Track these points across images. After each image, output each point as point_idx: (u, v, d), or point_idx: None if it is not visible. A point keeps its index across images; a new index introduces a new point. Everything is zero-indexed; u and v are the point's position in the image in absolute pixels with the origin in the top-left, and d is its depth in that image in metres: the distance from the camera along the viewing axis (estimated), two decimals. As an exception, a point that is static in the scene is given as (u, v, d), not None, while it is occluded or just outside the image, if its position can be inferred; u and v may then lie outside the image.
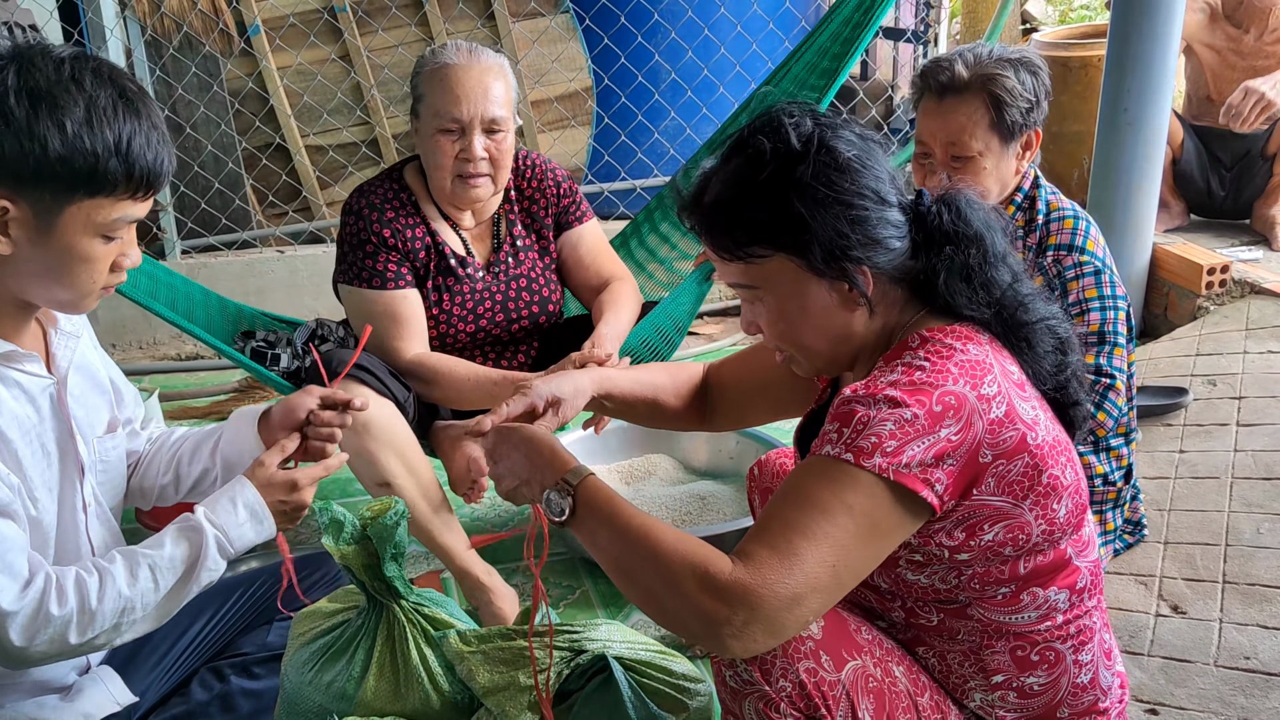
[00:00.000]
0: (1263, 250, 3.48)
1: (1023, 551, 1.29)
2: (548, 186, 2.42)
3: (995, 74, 2.00)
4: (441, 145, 2.22)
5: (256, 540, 1.48)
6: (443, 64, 2.21)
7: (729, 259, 1.34)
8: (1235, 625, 2.00)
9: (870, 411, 1.20)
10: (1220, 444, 2.52)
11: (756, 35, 4.24)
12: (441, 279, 2.34)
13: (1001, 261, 1.33)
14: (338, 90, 4.04)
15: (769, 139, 1.30)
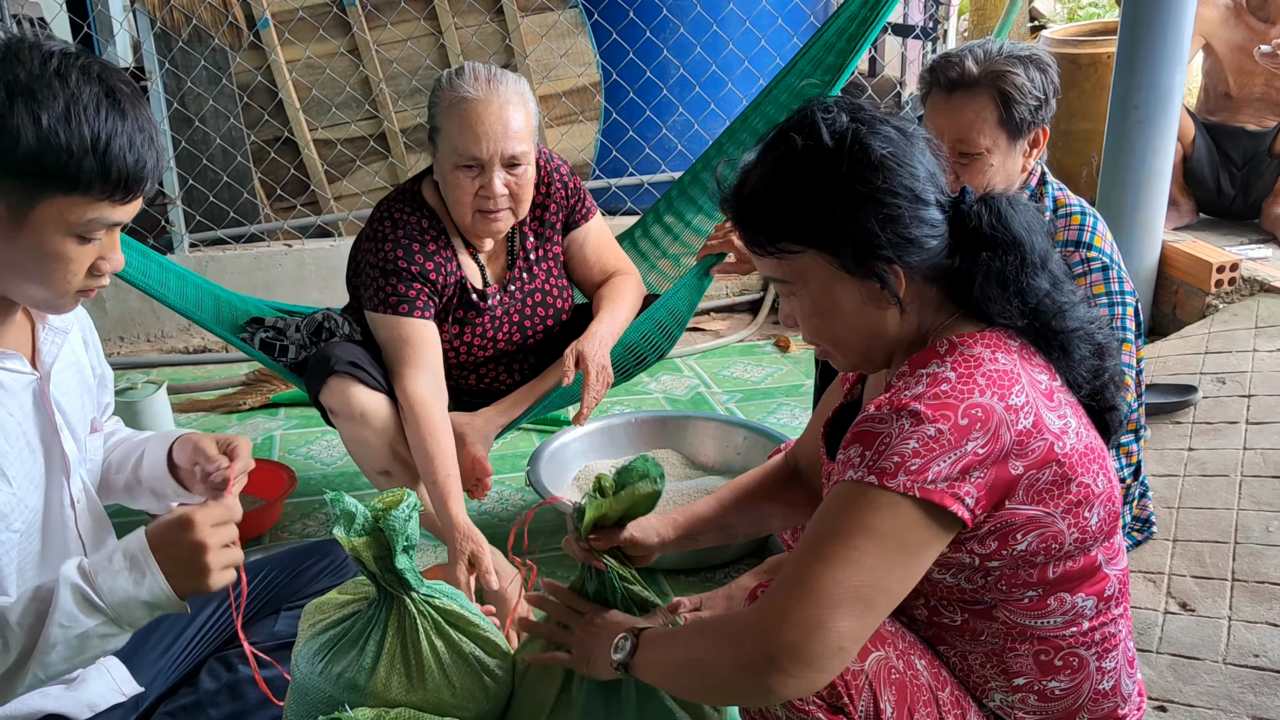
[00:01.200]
0: (1272, 249, 3.47)
1: (1054, 558, 1.28)
2: (556, 189, 2.40)
3: (1004, 70, 1.99)
4: (461, 182, 2.18)
5: (136, 593, 1.26)
6: (460, 98, 2.15)
7: (761, 253, 1.34)
8: (1244, 623, 1.99)
9: (891, 429, 1.20)
10: (1229, 442, 2.52)
11: (765, 31, 4.24)
12: (463, 312, 2.34)
13: (1040, 268, 1.31)
14: (346, 84, 4.04)
15: (802, 135, 1.29)
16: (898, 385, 1.26)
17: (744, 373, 3.50)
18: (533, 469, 2.52)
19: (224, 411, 3.29)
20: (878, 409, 1.23)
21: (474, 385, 2.46)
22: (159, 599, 1.27)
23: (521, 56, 4.10)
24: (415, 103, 4.11)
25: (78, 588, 1.25)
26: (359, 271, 2.31)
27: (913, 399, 1.21)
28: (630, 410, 3.17)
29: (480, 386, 2.47)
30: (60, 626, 1.23)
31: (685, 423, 2.84)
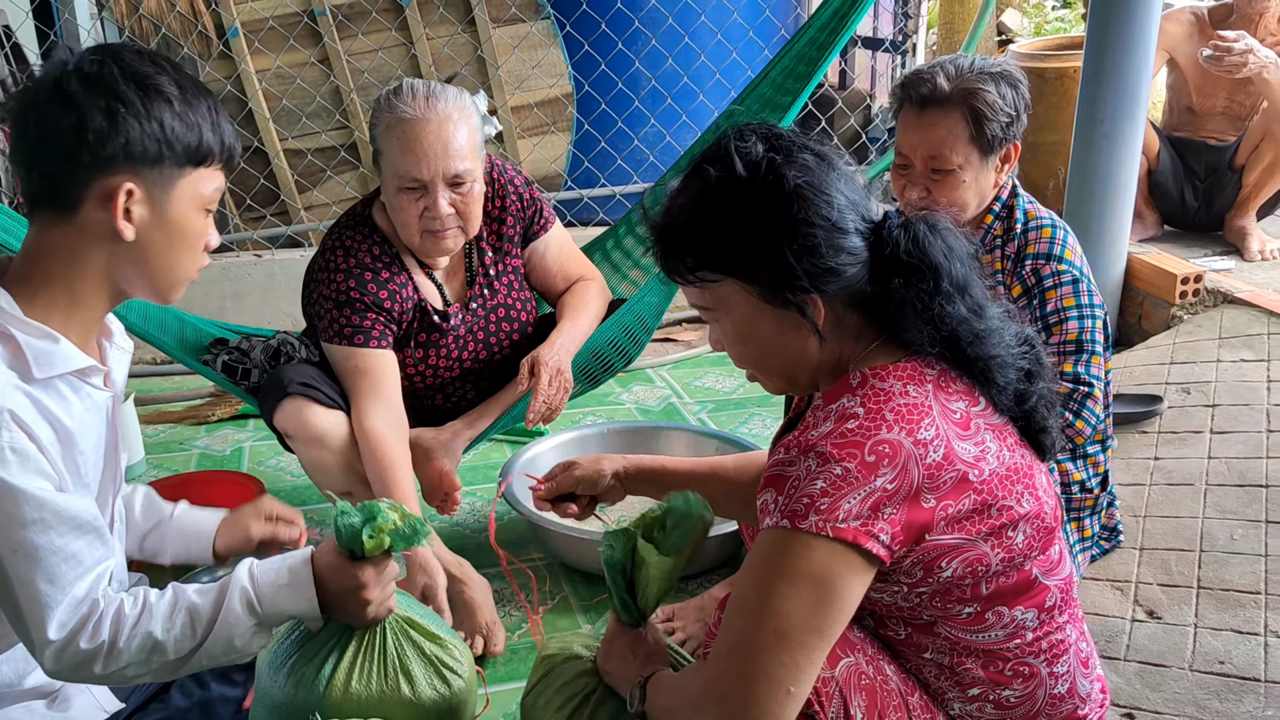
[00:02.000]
0: (1234, 260, 3.52)
1: (982, 578, 1.29)
2: (511, 202, 2.38)
3: (976, 88, 2.00)
4: (405, 205, 2.15)
5: (294, 610, 1.43)
6: (398, 119, 2.11)
7: (682, 281, 1.34)
8: (1210, 630, 2.02)
9: (800, 471, 1.21)
10: (1194, 451, 2.55)
11: (736, 43, 4.27)
12: (426, 335, 2.31)
13: (958, 295, 1.30)
14: (316, 94, 4.03)
15: (717, 166, 1.29)
16: (808, 422, 1.27)
17: (716, 383, 3.51)
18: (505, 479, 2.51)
19: (192, 423, 3.26)
20: (787, 451, 1.24)
21: (441, 405, 2.45)
22: (308, 616, 1.46)
23: (494, 67, 4.10)
24: (386, 113, 4.10)
25: (245, 591, 1.40)
26: (313, 301, 2.27)
27: (819, 439, 1.22)
28: (603, 420, 3.17)
29: (448, 406, 2.45)
30: (226, 623, 1.38)
31: (657, 433, 2.84)
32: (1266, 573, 2.11)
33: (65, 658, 1.30)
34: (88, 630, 1.30)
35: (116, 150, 1.27)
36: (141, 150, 1.28)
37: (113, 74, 1.28)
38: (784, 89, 2.82)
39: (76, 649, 1.29)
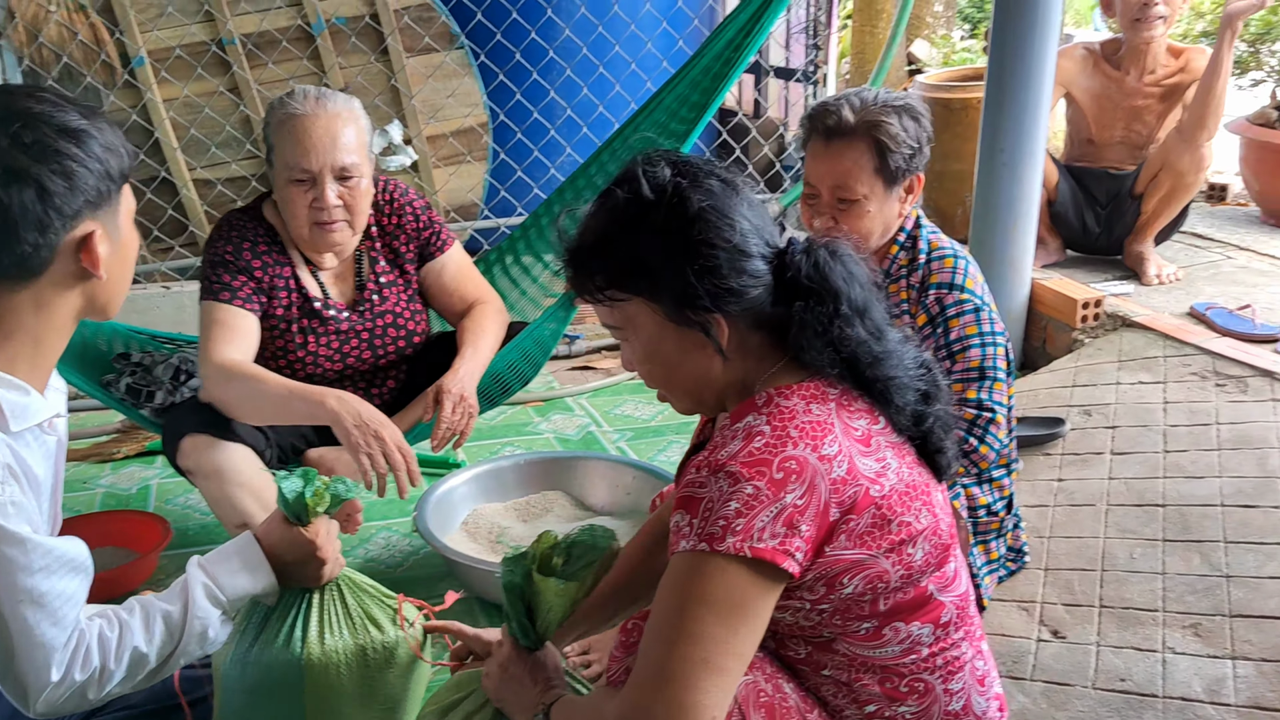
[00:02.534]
0: (1133, 285, 3.64)
1: (881, 594, 1.32)
2: (407, 220, 2.46)
3: (880, 120, 2.06)
4: (294, 196, 2.24)
5: (255, 590, 1.55)
6: (289, 114, 2.22)
7: (592, 300, 1.39)
8: (1111, 648, 2.08)
9: (712, 492, 1.23)
10: (1095, 472, 2.62)
11: (651, 73, 4.30)
12: (306, 321, 2.37)
13: (857, 317, 1.35)
14: (226, 123, 3.96)
15: (624, 188, 1.34)
16: (717, 442, 1.30)
17: (635, 410, 3.52)
18: (419, 514, 2.48)
19: (97, 460, 3.17)
20: (697, 472, 1.26)
21: None
22: (268, 594, 1.58)
23: (408, 97, 4.08)
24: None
25: (206, 586, 1.49)
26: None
27: (728, 458, 1.25)
28: (520, 451, 3.16)
29: None
30: (197, 618, 1.47)
31: (574, 463, 2.84)
32: (1164, 590, 2.18)
33: (59, 693, 1.34)
34: (79, 661, 1.35)
35: (80, 204, 1.33)
36: (96, 194, 1.34)
37: (45, 133, 1.30)
38: (677, 117, 2.87)
39: (72, 682, 1.34)
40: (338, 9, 3.93)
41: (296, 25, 3.93)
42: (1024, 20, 3.08)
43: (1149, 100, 3.75)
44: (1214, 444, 2.56)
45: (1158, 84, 3.73)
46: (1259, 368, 2.81)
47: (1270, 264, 3.84)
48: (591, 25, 4.20)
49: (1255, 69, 4.77)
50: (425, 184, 4.22)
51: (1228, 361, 2.89)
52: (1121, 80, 3.76)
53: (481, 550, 2.54)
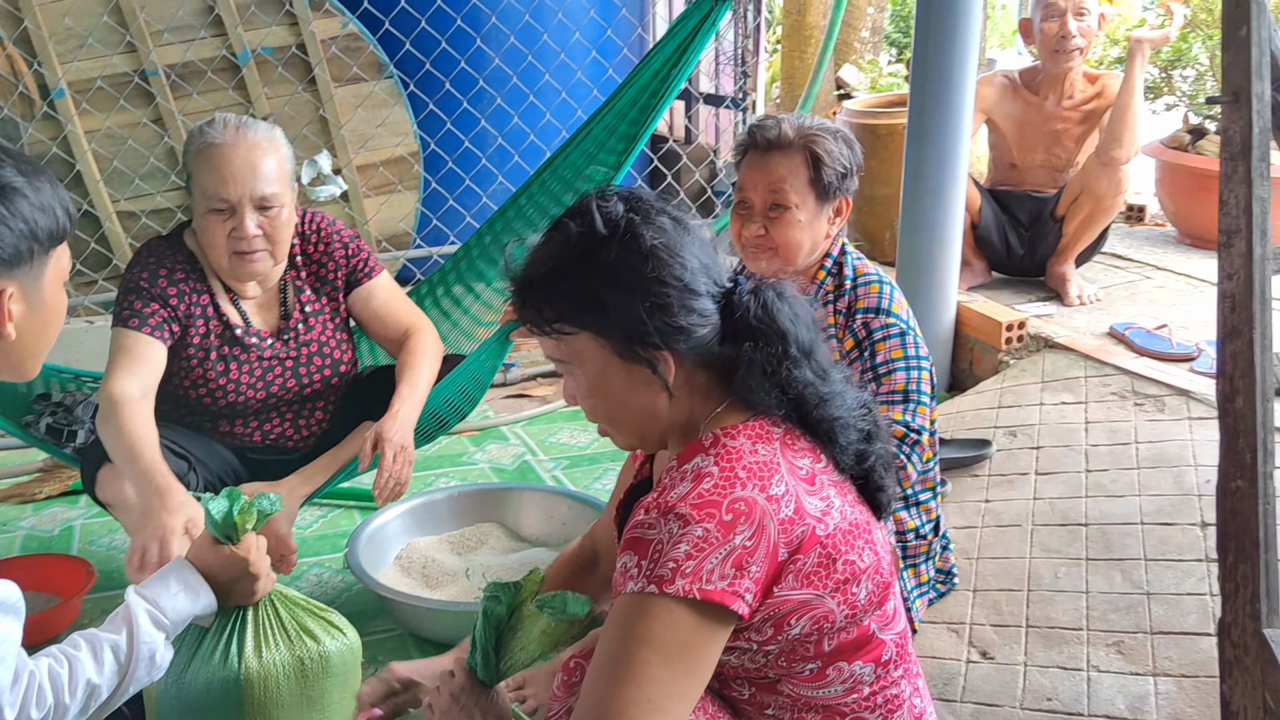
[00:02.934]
0: (1056, 305, 3.72)
1: (827, 634, 1.33)
2: (335, 248, 2.44)
3: (817, 136, 2.15)
4: (213, 225, 2.21)
5: (191, 609, 1.57)
6: (208, 142, 2.19)
7: (539, 333, 1.39)
8: (1038, 668, 2.11)
9: (662, 534, 1.23)
10: (1021, 493, 2.68)
11: (582, 101, 4.33)
12: (227, 349, 2.34)
13: (804, 359, 1.37)
14: (150, 155, 3.91)
15: (578, 222, 1.35)
16: (665, 483, 1.30)
17: (570, 439, 3.52)
18: (351, 550, 2.46)
19: (18, 501, 3.09)
20: (646, 513, 1.26)
21: (260, 443, 2.45)
22: (208, 614, 1.62)
23: (337, 127, 4.06)
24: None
25: (149, 612, 1.50)
26: None
27: (678, 500, 1.25)
28: (455, 482, 3.14)
29: (267, 443, 2.45)
30: (143, 644, 1.48)
31: (507, 494, 2.83)
32: (1088, 609, 2.23)
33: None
34: (33, 699, 1.35)
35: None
36: (15, 253, 1.33)
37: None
38: (605, 148, 2.89)
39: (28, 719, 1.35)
40: (263, 39, 3.90)
41: (221, 56, 3.89)
42: (943, 50, 3.16)
43: (1067, 125, 3.85)
44: (1133, 463, 2.62)
45: (1075, 109, 3.83)
46: (1175, 387, 2.89)
47: (1187, 283, 3.96)
48: (521, 54, 4.22)
49: (1168, 94, 4.92)
50: (356, 214, 4.19)
51: (1146, 381, 2.97)
52: (1040, 106, 3.86)
53: (415, 585, 2.52)
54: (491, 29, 4.19)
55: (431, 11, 4.05)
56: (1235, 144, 1.69)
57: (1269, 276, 1.67)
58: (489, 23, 4.17)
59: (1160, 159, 4.48)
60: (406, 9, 4.02)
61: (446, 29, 4.08)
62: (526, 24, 4.21)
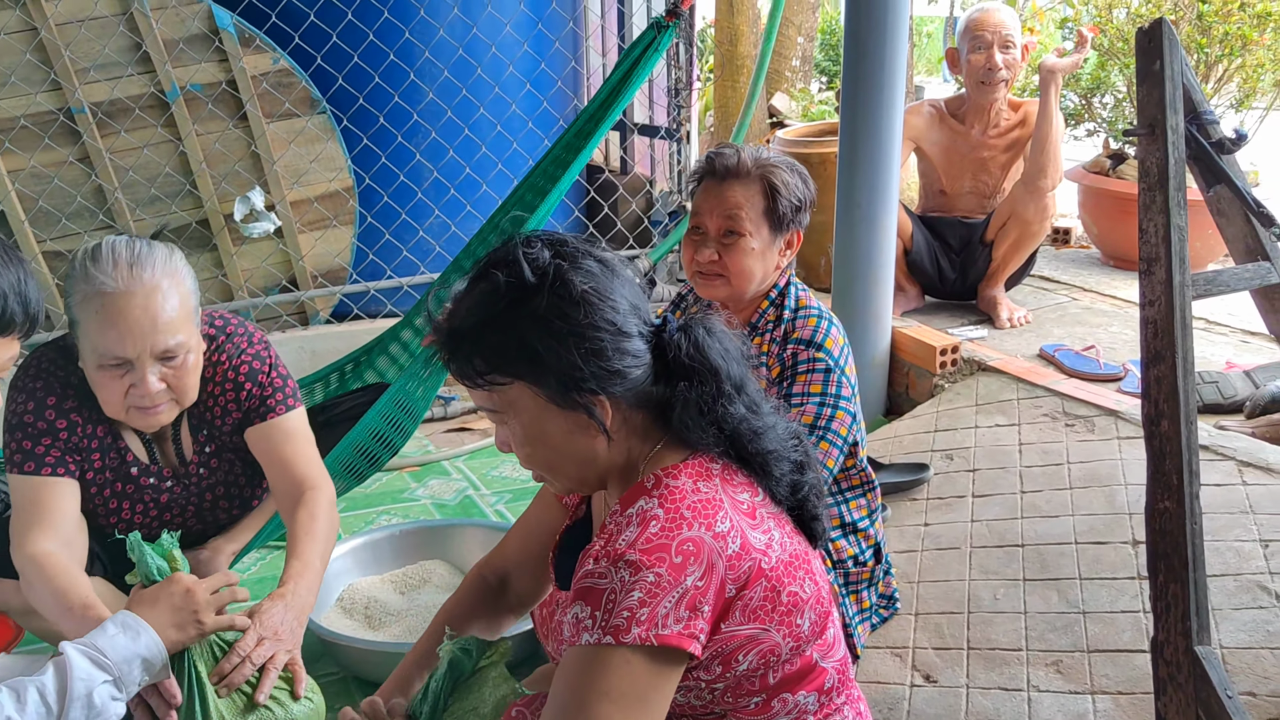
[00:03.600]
0: (987, 329, 3.80)
1: (772, 667, 1.34)
2: (228, 390, 2.21)
3: (774, 168, 2.19)
4: (107, 382, 1.97)
5: (133, 648, 1.57)
6: (97, 290, 1.89)
7: (470, 385, 1.37)
8: (980, 690, 2.14)
9: (614, 583, 1.23)
10: (959, 515, 2.72)
11: (517, 134, 4.34)
12: (121, 485, 2.17)
13: (737, 394, 1.38)
14: (77, 194, 3.83)
15: (505, 271, 1.33)
16: (611, 529, 1.30)
17: (512, 471, 3.50)
18: (291, 594, 2.42)
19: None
20: (596, 562, 1.26)
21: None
22: (153, 654, 1.59)
23: (269, 162, 4.02)
24: (155, 210, 3.95)
25: (84, 651, 1.50)
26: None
27: (627, 546, 1.25)
28: (397, 519, 3.11)
29: None
30: (79, 681, 1.47)
31: (450, 531, 2.81)
32: (1026, 629, 2.27)
33: None
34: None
35: None
36: None
37: None
38: (549, 175, 2.93)
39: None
40: (193, 75, 3.86)
41: (150, 93, 3.83)
42: (871, 80, 3.22)
43: (993, 153, 3.95)
44: (1066, 483, 2.68)
45: (1001, 137, 3.93)
46: (1104, 407, 2.96)
47: (1112, 304, 4.07)
48: (455, 88, 4.22)
49: (1089, 120, 5.06)
50: (290, 250, 4.14)
51: (1075, 402, 3.03)
52: (967, 134, 3.95)
53: (357, 627, 2.49)
54: (425, 63, 4.18)
55: (364, 46, 4.04)
56: (1152, 174, 1.75)
57: (1189, 302, 1.73)
58: (422, 57, 4.17)
59: (1083, 183, 4.61)
60: (339, 44, 4.00)
61: (379, 64, 4.07)
62: (460, 57, 4.21)
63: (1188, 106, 1.82)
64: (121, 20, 3.73)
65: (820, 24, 8.40)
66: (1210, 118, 1.88)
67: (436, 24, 4.16)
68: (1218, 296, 1.89)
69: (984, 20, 3.77)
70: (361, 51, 4.04)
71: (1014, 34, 3.77)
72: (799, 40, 7.44)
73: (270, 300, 4.13)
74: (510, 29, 4.31)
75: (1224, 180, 1.92)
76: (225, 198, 4.02)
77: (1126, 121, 4.84)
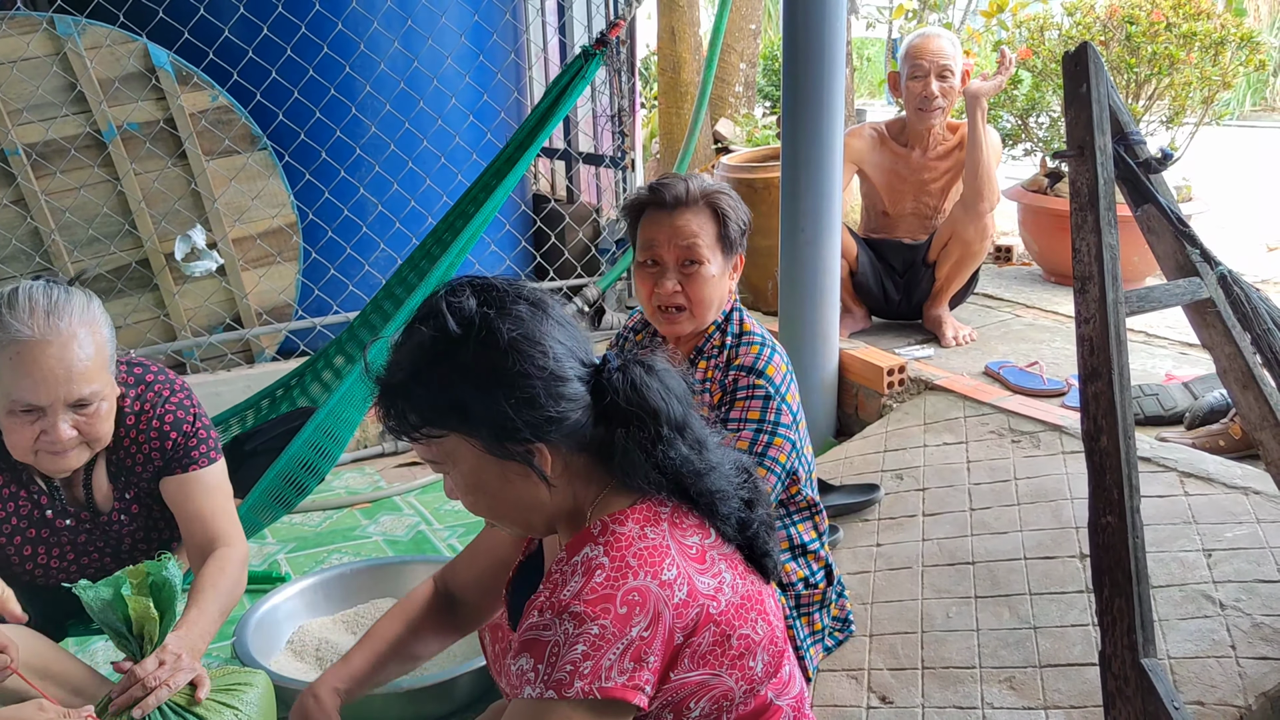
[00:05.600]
0: (933, 348, 3.84)
1: (726, 710, 1.33)
2: (167, 432, 2.20)
3: (718, 193, 2.20)
4: (17, 428, 1.96)
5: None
6: (11, 339, 1.89)
7: (407, 439, 1.35)
8: (935, 709, 2.15)
9: (558, 635, 1.21)
10: (910, 535, 2.73)
11: (461, 166, 4.34)
12: (34, 531, 2.13)
13: (678, 435, 1.35)
14: (13, 237, 3.77)
15: (429, 324, 1.31)
16: (557, 578, 1.29)
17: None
18: (239, 637, 2.38)
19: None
20: (540, 613, 1.25)
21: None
22: None
23: (210, 200, 3.97)
24: (94, 251, 3.89)
25: None
26: None
27: (571, 598, 1.23)
28: (348, 558, 3.07)
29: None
30: None
31: (402, 568, 2.78)
32: (979, 647, 2.28)
33: None
34: None
35: None
36: None
37: None
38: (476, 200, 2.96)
39: None
40: (129, 114, 3.81)
41: (86, 133, 3.78)
42: (811, 106, 3.26)
43: (934, 175, 4.01)
44: (1014, 499, 2.71)
45: (941, 159, 3.99)
46: (1049, 422, 3.00)
47: (1054, 320, 4.13)
48: (398, 121, 4.21)
49: (1026, 140, 5.16)
50: (234, 287, 4.10)
51: (1021, 418, 3.07)
52: (907, 157, 4.01)
53: (309, 670, 2.44)
54: (366, 97, 4.17)
55: (304, 82, 4.02)
56: (1083, 195, 1.79)
57: (1123, 319, 1.76)
58: (363, 91, 4.15)
59: (1022, 202, 4.69)
60: (278, 80, 3.98)
61: (320, 98, 4.05)
62: (402, 90, 4.20)
63: (1115, 128, 1.86)
64: (55, 60, 3.68)
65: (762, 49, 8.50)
66: (1137, 138, 1.93)
67: (377, 58, 4.15)
68: (1152, 312, 1.93)
69: (923, 48, 3.84)
70: (301, 87, 4.03)
71: (952, 62, 3.83)
72: (741, 66, 7.52)
73: (215, 339, 4.08)
74: (452, 61, 4.31)
75: (1151, 200, 1.96)
76: (166, 237, 3.97)
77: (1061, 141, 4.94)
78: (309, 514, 3.39)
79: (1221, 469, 2.61)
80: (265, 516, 2.82)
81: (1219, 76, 4.57)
